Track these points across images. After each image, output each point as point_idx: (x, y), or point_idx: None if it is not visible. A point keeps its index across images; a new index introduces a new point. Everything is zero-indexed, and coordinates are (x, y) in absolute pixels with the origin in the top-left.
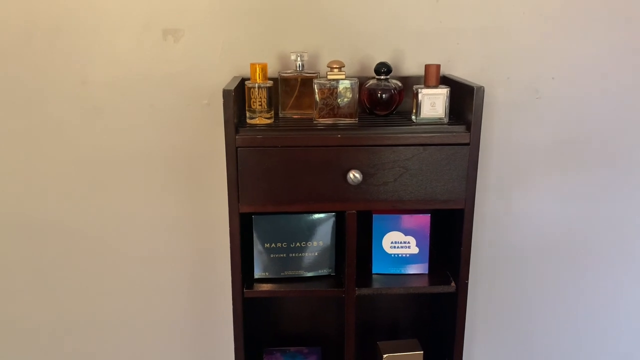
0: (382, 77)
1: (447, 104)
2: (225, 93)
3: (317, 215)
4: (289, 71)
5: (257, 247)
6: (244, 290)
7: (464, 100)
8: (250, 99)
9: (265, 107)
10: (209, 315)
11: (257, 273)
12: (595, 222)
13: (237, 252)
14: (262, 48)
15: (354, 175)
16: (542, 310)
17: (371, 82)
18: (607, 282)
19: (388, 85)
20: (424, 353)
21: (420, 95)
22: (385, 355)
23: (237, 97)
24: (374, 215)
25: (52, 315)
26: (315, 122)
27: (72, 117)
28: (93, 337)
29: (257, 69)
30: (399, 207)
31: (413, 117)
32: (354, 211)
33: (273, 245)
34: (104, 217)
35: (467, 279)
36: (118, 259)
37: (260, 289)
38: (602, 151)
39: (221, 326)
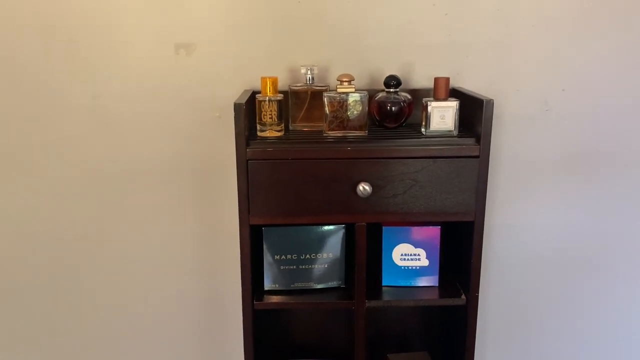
0: (391, 89)
1: (456, 117)
2: (237, 106)
3: (327, 227)
4: (299, 84)
5: (267, 258)
6: (254, 302)
7: (474, 113)
8: (261, 112)
9: (276, 120)
10: (218, 327)
11: (267, 285)
12: (604, 234)
13: (247, 264)
14: (273, 61)
15: (364, 187)
16: (552, 322)
17: (381, 94)
18: (618, 293)
19: (397, 98)
20: None
21: (429, 108)
22: None
23: (247, 110)
24: (383, 227)
25: (61, 327)
26: (325, 134)
27: (84, 130)
28: (102, 349)
29: (268, 82)
30: (409, 220)
31: (422, 129)
32: (363, 223)
33: (283, 257)
34: (114, 229)
35: (478, 291)
36: (129, 271)
37: (270, 301)
38: (612, 163)
39: (231, 338)
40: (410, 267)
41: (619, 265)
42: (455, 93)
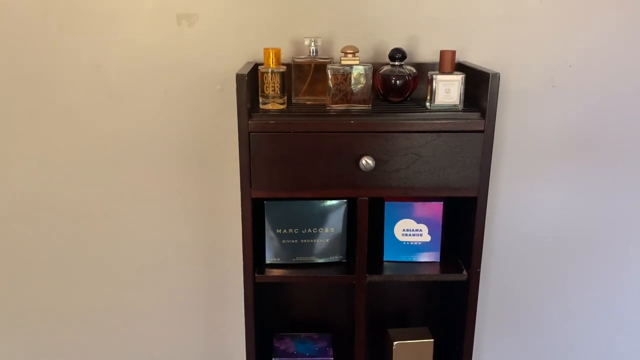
0: (396, 63)
1: (462, 91)
2: (239, 77)
3: (329, 202)
4: (303, 57)
5: (269, 232)
6: (255, 275)
7: (479, 87)
8: (263, 84)
9: (278, 92)
10: (220, 300)
11: (269, 259)
12: (609, 213)
13: (249, 237)
14: (276, 33)
15: (367, 161)
16: (554, 300)
17: (385, 68)
18: (621, 272)
19: (402, 72)
20: (434, 341)
21: (434, 82)
22: (395, 343)
23: (250, 82)
24: (386, 202)
25: (62, 299)
26: (328, 108)
27: (86, 101)
28: (104, 322)
29: (271, 54)
30: (411, 195)
31: (427, 104)
32: (365, 198)
33: (285, 231)
34: (115, 201)
35: (479, 267)
36: (129, 244)
37: (271, 274)
38: (618, 141)
39: (232, 311)
40: (412, 243)
41: (621, 245)
42: (460, 67)
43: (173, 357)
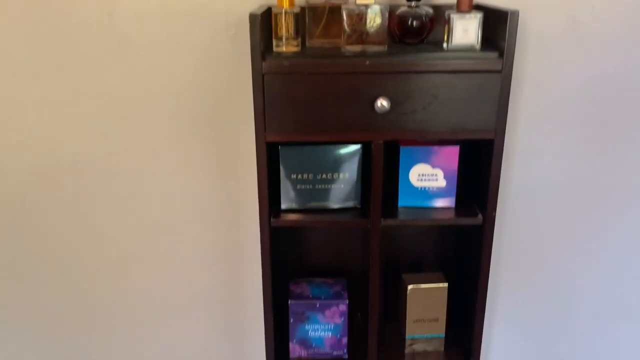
0: (412, 3)
1: (479, 31)
2: (252, 17)
3: (344, 147)
4: None
5: (284, 178)
6: (271, 220)
7: (497, 27)
8: (277, 25)
9: (292, 34)
10: (236, 247)
11: (284, 204)
12: (626, 162)
13: (264, 182)
14: None
15: (382, 103)
16: (569, 246)
17: (402, 8)
18: (635, 221)
19: (419, 12)
20: (448, 285)
21: (452, 21)
22: (409, 287)
23: (263, 24)
24: (401, 147)
25: (73, 249)
26: (343, 50)
27: (99, 50)
28: (118, 272)
29: None
30: (428, 138)
31: (444, 44)
32: (380, 141)
33: (300, 176)
34: (129, 149)
35: (495, 210)
36: (144, 192)
37: (286, 219)
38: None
39: (248, 258)
40: (427, 188)
41: (638, 194)
42: (478, 8)
43: (190, 305)
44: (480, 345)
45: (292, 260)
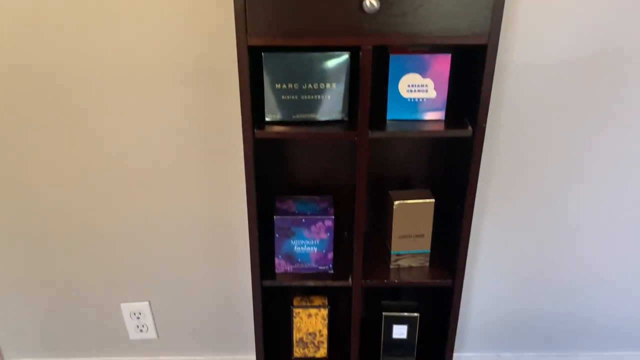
0: None
1: None
2: None
3: (331, 56)
4: None
5: (268, 88)
6: (255, 131)
7: None
8: None
9: None
10: (219, 161)
11: (268, 116)
12: (631, 81)
13: (247, 90)
14: None
15: (371, 2)
16: (561, 164)
17: None
18: (633, 133)
19: None
20: (434, 201)
21: None
22: (396, 202)
23: None
24: (390, 55)
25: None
26: None
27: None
28: (110, 188)
29: None
30: (418, 42)
31: None
32: (369, 46)
33: (284, 86)
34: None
35: (485, 122)
36: (131, 109)
37: (271, 130)
38: None
39: (232, 172)
40: (416, 99)
41: (628, 111)
42: None
43: (175, 225)
44: (465, 260)
45: (279, 179)
